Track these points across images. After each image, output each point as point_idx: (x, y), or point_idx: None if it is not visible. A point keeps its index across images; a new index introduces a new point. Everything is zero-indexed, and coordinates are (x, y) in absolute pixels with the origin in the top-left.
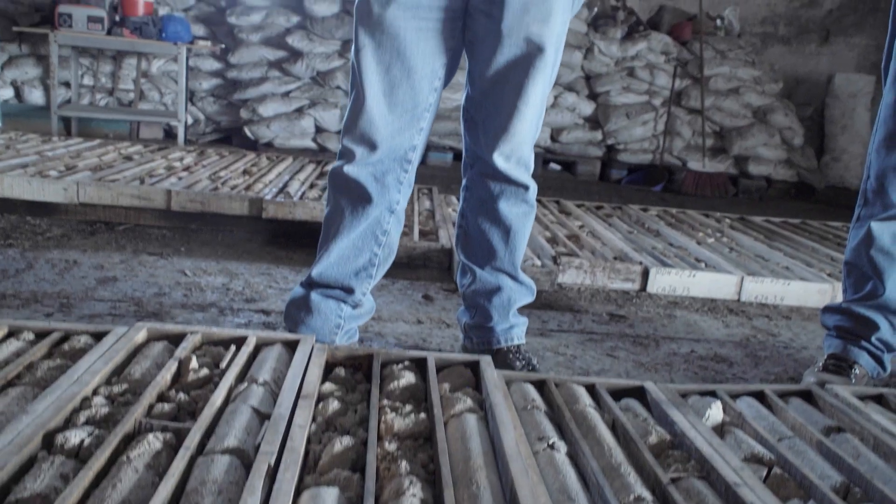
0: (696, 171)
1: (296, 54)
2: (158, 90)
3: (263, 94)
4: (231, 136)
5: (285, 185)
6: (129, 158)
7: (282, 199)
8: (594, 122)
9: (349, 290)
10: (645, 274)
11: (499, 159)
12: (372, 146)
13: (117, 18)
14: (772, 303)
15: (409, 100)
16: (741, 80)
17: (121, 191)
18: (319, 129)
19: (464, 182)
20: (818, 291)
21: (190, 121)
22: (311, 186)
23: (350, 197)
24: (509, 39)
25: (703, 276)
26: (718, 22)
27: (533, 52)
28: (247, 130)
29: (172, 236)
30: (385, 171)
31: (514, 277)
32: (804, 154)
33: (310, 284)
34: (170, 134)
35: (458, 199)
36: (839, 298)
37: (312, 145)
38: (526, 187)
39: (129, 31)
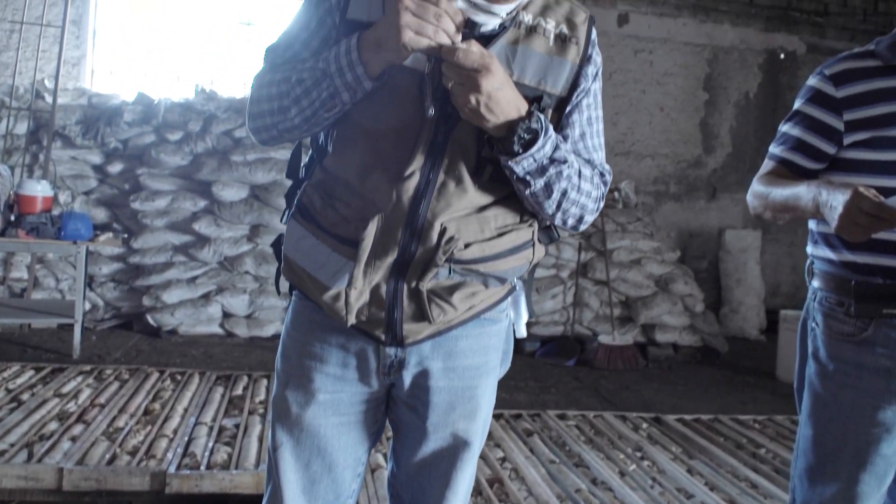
0: (607, 344)
1: (203, 239)
2: (55, 276)
3: (168, 281)
4: (132, 321)
5: (190, 440)
6: (16, 401)
7: (187, 472)
8: None
9: None
10: None
11: None
12: None
13: (13, 218)
14: None
15: (330, 492)
16: (642, 251)
17: (5, 472)
18: (227, 315)
19: None
20: None
21: (88, 307)
22: (220, 433)
23: None
24: (435, 435)
25: None
26: (616, 195)
27: (459, 446)
28: (149, 318)
29: None
30: None
31: None
32: (706, 319)
33: None
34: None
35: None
36: None
37: (220, 331)
38: None
39: (25, 231)
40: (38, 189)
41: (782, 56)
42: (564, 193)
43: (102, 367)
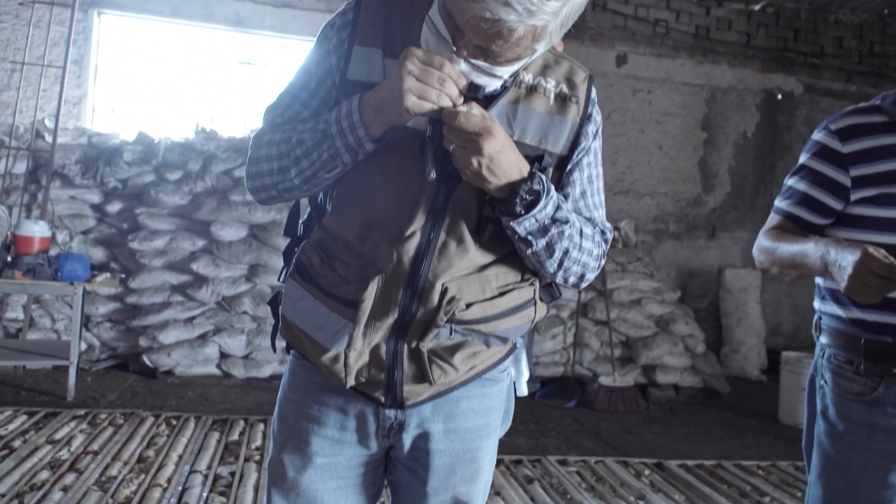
0: (607, 386)
1: (201, 279)
2: (50, 316)
3: (165, 321)
4: (128, 362)
5: (184, 490)
6: (8, 448)
7: None
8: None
9: None
10: None
11: None
12: None
13: (9, 258)
14: None
15: None
16: (642, 291)
17: None
18: (224, 355)
19: None
20: None
21: (84, 347)
22: (215, 482)
23: None
24: (435, 498)
25: None
26: (616, 234)
27: None
28: (145, 359)
29: None
30: None
31: None
32: (707, 360)
33: None
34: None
35: None
36: None
37: (217, 371)
38: None
39: (22, 272)
40: (36, 230)
41: (779, 96)
42: (566, 252)
43: (97, 410)
